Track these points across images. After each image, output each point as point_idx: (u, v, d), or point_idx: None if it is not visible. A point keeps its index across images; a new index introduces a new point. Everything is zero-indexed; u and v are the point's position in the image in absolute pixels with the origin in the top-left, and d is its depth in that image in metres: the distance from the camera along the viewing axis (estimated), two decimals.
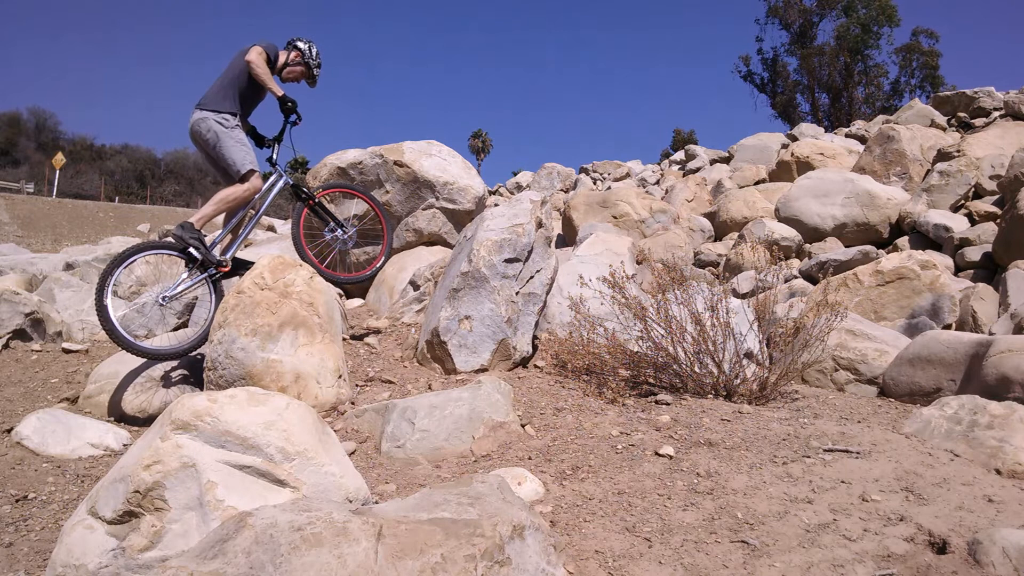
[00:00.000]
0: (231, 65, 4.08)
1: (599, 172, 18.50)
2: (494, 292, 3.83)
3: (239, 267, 3.93)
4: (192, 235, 3.77)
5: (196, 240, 3.77)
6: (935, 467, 2.49)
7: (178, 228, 3.80)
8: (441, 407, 2.96)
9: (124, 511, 1.84)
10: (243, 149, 3.95)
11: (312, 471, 1.98)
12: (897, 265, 4.89)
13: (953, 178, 7.54)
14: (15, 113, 46.14)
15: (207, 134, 3.91)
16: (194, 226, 3.84)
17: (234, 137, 3.93)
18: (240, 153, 3.93)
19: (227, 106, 3.95)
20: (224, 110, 3.94)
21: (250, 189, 3.95)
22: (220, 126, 3.90)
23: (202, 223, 3.92)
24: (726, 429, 2.93)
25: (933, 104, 12.79)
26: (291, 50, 4.33)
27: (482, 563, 1.56)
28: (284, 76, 4.32)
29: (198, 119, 3.92)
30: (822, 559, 1.93)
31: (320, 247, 4.49)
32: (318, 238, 4.52)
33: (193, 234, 3.78)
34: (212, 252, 3.84)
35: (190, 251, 3.74)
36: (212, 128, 3.89)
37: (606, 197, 9.16)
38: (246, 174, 3.92)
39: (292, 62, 4.32)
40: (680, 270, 4.01)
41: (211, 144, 3.92)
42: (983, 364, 3.37)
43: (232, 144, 3.91)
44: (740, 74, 38.45)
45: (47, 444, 3.01)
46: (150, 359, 3.63)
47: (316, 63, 4.37)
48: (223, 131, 3.90)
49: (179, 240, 3.75)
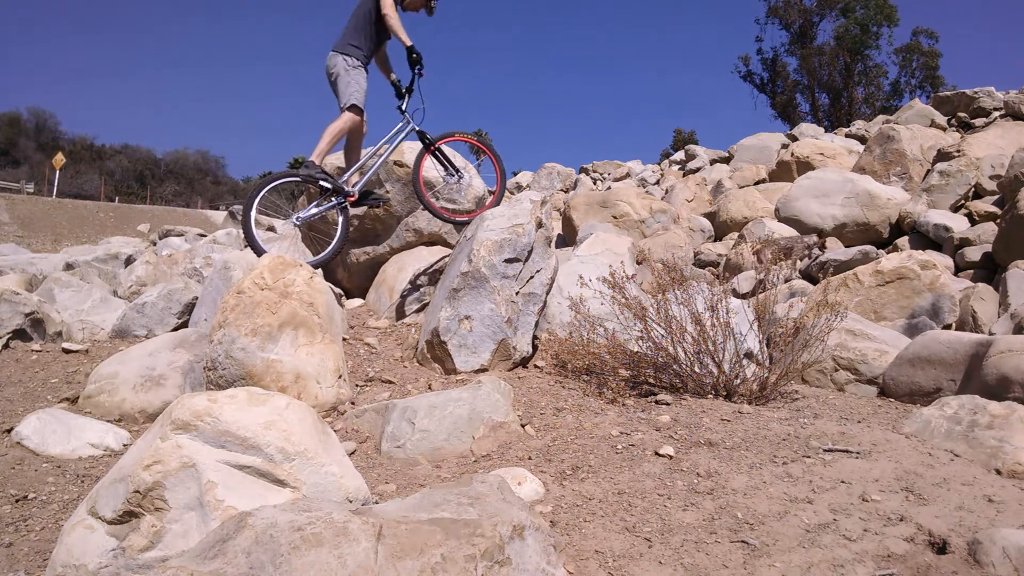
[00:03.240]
0: (359, 7, 4.53)
1: (599, 172, 18.49)
2: (494, 292, 3.83)
3: (365, 198, 4.57)
4: (315, 170, 4.36)
5: (321, 173, 4.37)
6: (935, 467, 2.49)
7: (304, 167, 4.39)
8: (441, 407, 2.96)
9: (124, 511, 1.84)
10: (353, 86, 4.41)
11: (312, 471, 1.98)
12: (897, 265, 4.89)
13: (953, 178, 7.54)
14: (15, 113, 46.23)
15: (332, 70, 4.46)
16: (315, 162, 4.38)
17: (351, 75, 4.42)
18: (349, 89, 4.40)
19: (352, 48, 4.47)
20: (350, 52, 4.45)
21: (348, 121, 4.42)
22: (343, 64, 4.43)
23: (320, 157, 4.42)
24: (726, 429, 2.93)
25: (933, 104, 12.78)
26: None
27: (482, 563, 1.56)
28: (405, 6, 4.68)
29: (329, 57, 4.49)
30: (822, 559, 1.93)
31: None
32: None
33: (316, 169, 4.36)
34: (339, 182, 4.42)
35: (320, 183, 4.36)
36: (337, 65, 4.44)
37: (606, 197, 9.16)
38: (346, 107, 4.39)
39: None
40: (680, 270, 4.00)
41: (332, 79, 4.47)
42: (983, 364, 3.37)
43: (347, 81, 4.41)
44: (740, 74, 38.52)
45: (47, 444, 3.00)
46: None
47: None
48: (343, 69, 4.42)
49: (307, 177, 4.37)
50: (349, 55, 4.45)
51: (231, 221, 14.73)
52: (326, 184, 4.37)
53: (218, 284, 4.59)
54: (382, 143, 4.65)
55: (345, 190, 4.44)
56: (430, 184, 4.98)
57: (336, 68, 4.44)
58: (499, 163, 4.99)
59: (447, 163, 4.85)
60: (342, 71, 4.43)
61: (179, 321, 4.91)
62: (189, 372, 3.63)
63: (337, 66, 4.44)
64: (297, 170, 4.48)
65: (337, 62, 4.45)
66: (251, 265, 3.80)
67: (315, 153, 4.43)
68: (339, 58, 4.45)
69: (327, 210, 4.44)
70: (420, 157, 4.75)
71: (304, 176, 4.36)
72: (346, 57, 4.45)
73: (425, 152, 4.74)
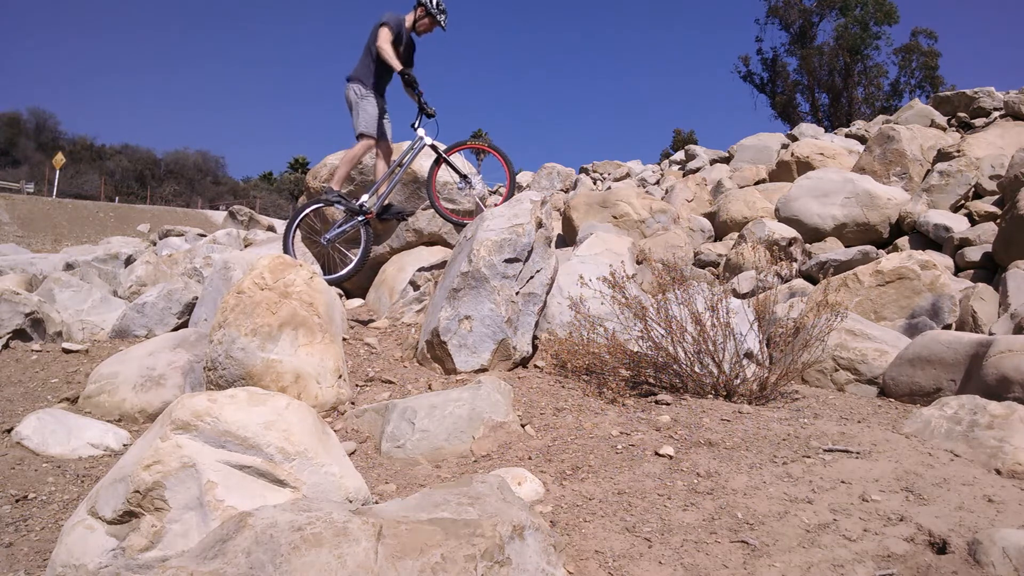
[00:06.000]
0: (368, 41, 4.92)
1: (599, 172, 18.49)
2: (494, 292, 3.83)
3: (384, 213, 5.00)
4: (332, 195, 4.93)
5: (336, 197, 4.93)
6: (935, 467, 2.49)
7: (323, 194, 5.03)
8: (441, 407, 2.96)
9: (124, 511, 1.83)
10: (362, 115, 4.84)
11: (312, 471, 1.98)
12: (897, 265, 4.89)
13: (953, 178, 7.54)
14: (15, 113, 46.13)
15: (347, 99, 4.91)
16: (333, 188, 4.94)
17: (362, 105, 4.85)
18: (360, 118, 4.83)
19: (361, 78, 4.89)
20: (361, 83, 4.88)
21: (361, 148, 4.87)
22: (355, 95, 4.87)
23: (339, 183, 4.96)
24: (726, 429, 2.93)
25: (933, 104, 12.77)
26: (417, 7, 4.99)
27: (482, 563, 1.56)
28: (419, 30, 5.03)
29: (346, 88, 4.93)
30: (822, 559, 1.93)
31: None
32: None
33: (332, 194, 4.93)
34: (354, 203, 4.94)
35: (336, 205, 4.94)
36: (352, 97, 4.88)
37: (606, 197, 9.15)
38: (358, 135, 4.84)
39: (419, 17, 4.98)
40: (680, 270, 4.00)
41: (350, 108, 4.91)
42: (983, 364, 3.37)
43: (357, 111, 4.86)
44: (740, 74, 38.47)
45: (47, 444, 3.00)
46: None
47: (438, 10, 4.96)
48: (356, 99, 4.87)
49: (326, 201, 5.00)
50: (358, 84, 4.87)
51: (231, 221, 14.73)
52: (340, 207, 4.94)
53: (218, 284, 4.59)
54: (395, 164, 5.04)
55: (364, 208, 4.92)
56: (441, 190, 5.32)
57: (349, 97, 4.89)
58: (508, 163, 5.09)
59: (457, 171, 5.05)
60: (354, 101, 4.86)
61: (179, 321, 4.91)
62: (189, 372, 3.63)
63: (350, 96, 4.89)
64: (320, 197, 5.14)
65: (349, 93, 4.89)
66: (251, 265, 3.80)
67: (334, 180, 4.96)
68: (350, 89, 4.89)
69: (351, 227, 4.94)
70: (433, 169, 5.03)
71: (324, 201, 5.00)
72: (356, 87, 4.87)
73: (436, 165, 5.01)
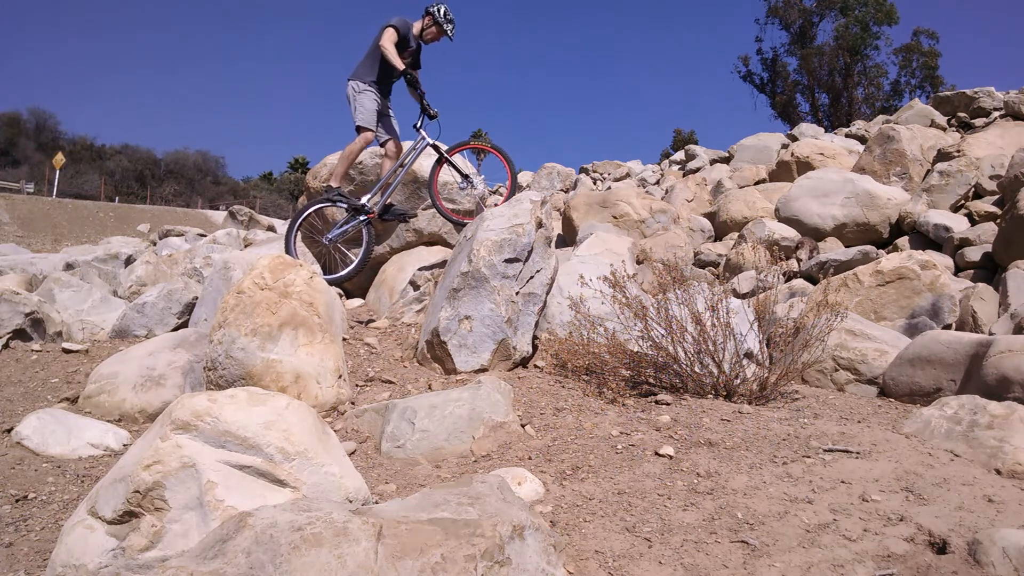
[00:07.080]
0: (373, 41, 4.94)
1: (599, 172, 18.48)
2: (494, 292, 3.83)
3: (385, 212, 4.96)
4: (332, 192, 4.95)
5: (337, 195, 4.94)
6: (935, 467, 2.49)
7: (325, 191, 5.01)
8: (441, 407, 2.96)
9: (124, 511, 1.83)
10: (362, 110, 4.88)
11: (312, 471, 1.98)
12: (897, 265, 4.89)
13: (953, 178, 7.53)
14: (15, 113, 46.09)
15: (349, 96, 4.94)
16: (333, 185, 4.95)
17: (360, 101, 4.90)
18: (358, 113, 4.87)
19: (362, 76, 4.94)
20: (360, 79, 4.92)
21: (359, 141, 4.91)
22: (354, 91, 4.92)
23: (338, 179, 4.99)
24: (726, 429, 2.93)
25: (933, 104, 12.77)
26: (425, 16, 5.05)
27: (482, 563, 1.56)
28: (426, 39, 5.10)
29: (347, 86, 4.96)
30: (822, 559, 1.93)
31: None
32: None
33: (332, 192, 4.95)
34: (356, 202, 4.92)
35: (338, 204, 4.94)
36: (350, 92, 4.93)
37: (606, 197, 9.15)
38: (357, 128, 4.88)
39: (427, 26, 5.04)
40: (680, 270, 4.00)
41: (349, 104, 4.94)
42: (983, 364, 3.37)
43: (354, 105, 4.90)
44: (740, 74, 38.43)
45: (47, 444, 3.00)
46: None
47: (445, 20, 5.01)
48: (354, 95, 4.91)
49: (327, 200, 4.99)
50: (356, 81, 4.93)
51: (231, 221, 14.74)
52: (341, 205, 4.94)
53: (218, 284, 4.59)
54: (397, 164, 5.04)
55: (366, 208, 4.90)
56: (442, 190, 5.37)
57: (348, 94, 4.95)
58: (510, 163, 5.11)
59: (459, 172, 5.07)
60: (352, 96, 4.92)
61: (179, 321, 4.91)
62: (189, 372, 3.63)
63: (348, 92, 4.95)
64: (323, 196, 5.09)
65: (348, 89, 4.96)
66: (251, 265, 3.80)
67: (334, 177, 4.96)
68: (349, 85, 4.96)
69: (353, 227, 4.93)
70: (435, 169, 5.05)
71: (328, 200, 5.00)
72: (354, 83, 4.93)
73: (438, 165, 5.04)
